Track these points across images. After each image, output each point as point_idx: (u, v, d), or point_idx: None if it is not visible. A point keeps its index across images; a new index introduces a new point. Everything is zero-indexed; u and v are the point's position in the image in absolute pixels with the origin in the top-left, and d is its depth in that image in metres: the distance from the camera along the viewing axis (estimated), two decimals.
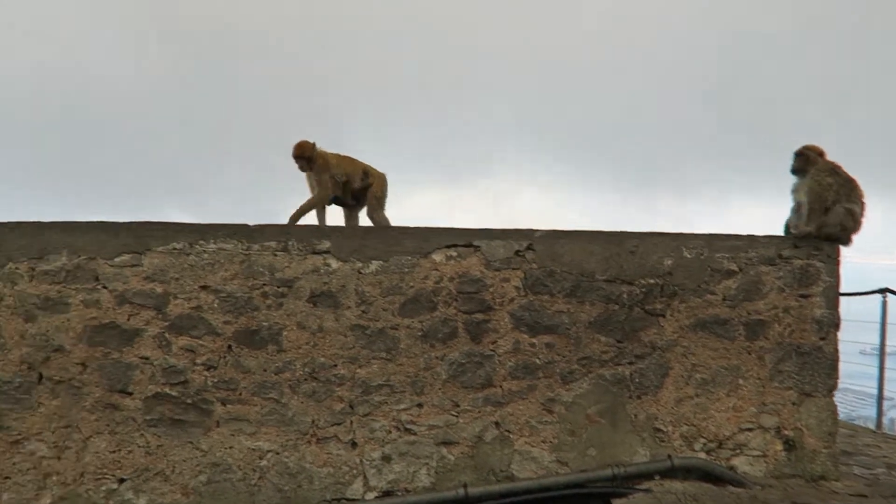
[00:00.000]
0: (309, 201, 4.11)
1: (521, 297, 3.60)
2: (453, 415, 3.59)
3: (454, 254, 3.57)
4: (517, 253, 3.60)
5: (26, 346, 3.28)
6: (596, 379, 3.63)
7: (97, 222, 3.34)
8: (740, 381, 3.67)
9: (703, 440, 3.66)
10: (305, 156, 4.09)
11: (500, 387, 3.61)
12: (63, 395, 3.32)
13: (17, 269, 3.26)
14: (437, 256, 3.56)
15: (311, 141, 4.13)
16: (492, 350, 3.61)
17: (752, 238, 3.73)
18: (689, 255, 3.68)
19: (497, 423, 3.61)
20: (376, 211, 4.31)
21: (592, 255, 3.65)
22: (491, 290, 3.59)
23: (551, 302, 3.62)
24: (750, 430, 3.67)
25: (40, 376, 3.31)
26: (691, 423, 3.65)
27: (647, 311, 3.66)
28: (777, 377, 3.68)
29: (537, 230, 3.65)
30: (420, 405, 3.58)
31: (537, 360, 3.61)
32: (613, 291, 3.65)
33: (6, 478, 3.29)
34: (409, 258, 3.54)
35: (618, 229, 3.77)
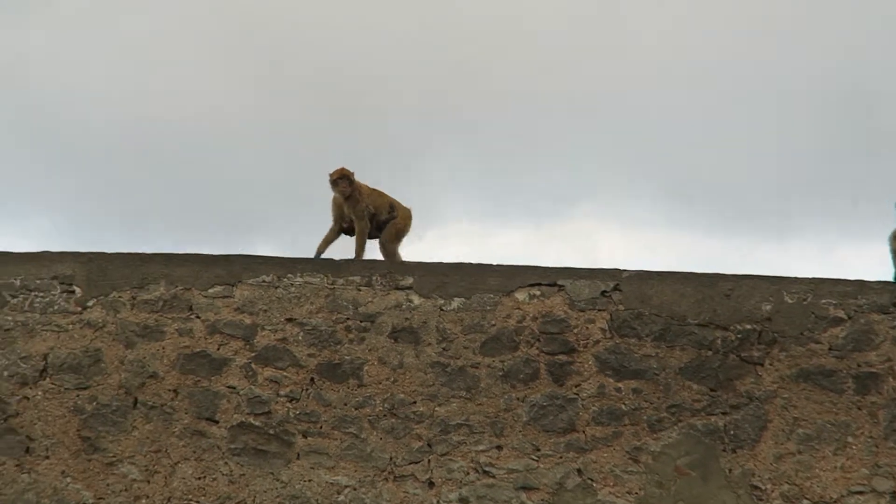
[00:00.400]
0: (358, 235, 4.15)
1: (607, 340, 3.50)
2: (534, 459, 3.50)
3: (538, 293, 3.51)
4: (603, 293, 3.51)
5: (124, 371, 3.45)
6: (686, 429, 3.45)
7: (193, 254, 3.51)
8: (849, 439, 3.40)
9: (806, 501, 3.39)
10: (345, 176, 4.14)
11: (584, 432, 3.49)
12: (155, 420, 3.46)
13: (119, 297, 3.45)
14: (520, 295, 3.52)
15: (348, 169, 4.18)
16: (575, 393, 3.50)
17: (861, 284, 3.49)
18: (790, 301, 3.47)
19: (579, 471, 3.48)
20: (392, 242, 4.28)
21: (683, 298, 3.50)
22: (575, 331, 3.51)
23: (639, 345, 3.49)
24: (861, 493, 3.38)
25: (135, 401, 3.46)
26: (793, 483, 3.40)
27: (743, 359, 3.46)
28: (893, 436, 3.38)
29: (625, 270, 3.56)
30: (499, 447, 3.50)
31: (623, 406, 3.48)
32: (706, 336, 3.48)
33: (100, 498, 3.44)
34: (492, 296, 3.51)
35: (710, 271, 3.60)
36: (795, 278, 3.52)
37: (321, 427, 3.50)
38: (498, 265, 3.56)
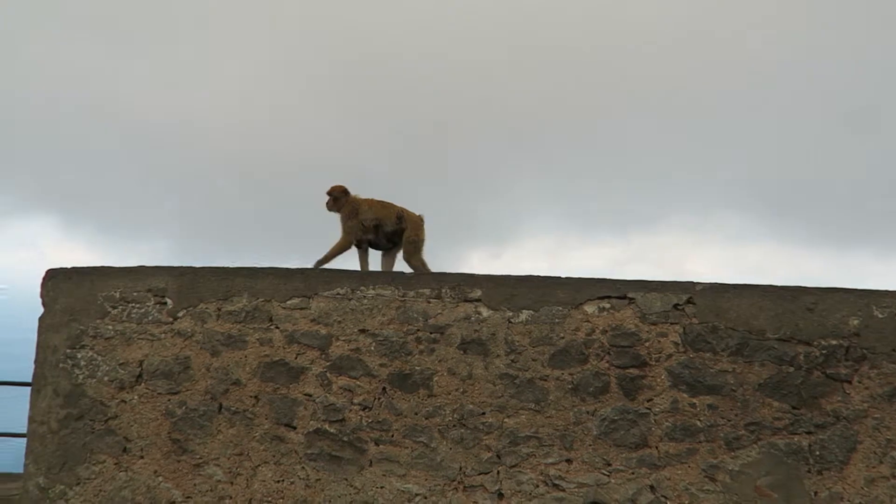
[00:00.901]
0: (333, 247, 4.29)
1: (680, 354, 3.44)
2: (604, 474, 3.48)
3: (607, 305, 3.51)
4: (676, 307, 3.46)
5: (210, 378, 3.69)
6: (767, 447, 3.35)
7: (274, 268, 3.72)
8: None
9: None
10: (334, 195, 4.31)
11: (657, 448, 3.45)
12: (238, 425, 3.68)
13: (206, 308, 3.70)
14: (590, 308, 3.52)
15: (343, 185, 4.36)
16: (647, 408, 3.46)
17: None
18: (881, 315, 3.31)
19: (652, 487, 3.44)
20: (413, 256, 4.33)
21: (762, 312, 3.41)
22: (646, 344, 3.47)
23: (714, 360, 3.42)
24: None
25: (220, 406, 3.69)
26: None
27: (828, 376, 3.33)
28: None
29: (699, 283, 3.49)
30: (569, 461, 3.51)
31: (698, 423, 3.41)
32: (787, 352, 3.36)
33: (188, 497, 3.68)
34: (560, 309, 3.53)
35: (791, 284, 3.48)
36: (886, 291, 3.36)
37: (392, 435, 3.62)
38: (566, 278, 3.58)
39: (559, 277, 3.59)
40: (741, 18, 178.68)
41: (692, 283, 3.51)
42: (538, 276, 3.61)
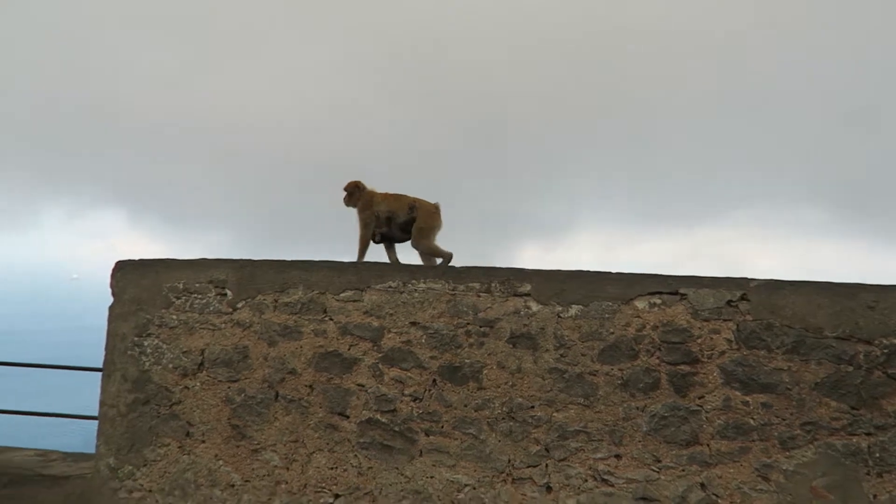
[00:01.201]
0: (359, 243, 4.38)
1: (733, 351, 3.42)
2: (654, 470, 3.49)
3: (658, 301, 3.51)
4: (729, 303, 3.44)
5: (268, 367, 3.85)
6: (823, 448, 3.30)
7: (328, 262, 3.86)
8: None
9: None
10: (349, 190, 4.43)
11: (708, 445, 3.43)
12: (293, 413, 3.83)
13: (264, 300, 3.86)
14: (640, 303, 3.53)
15: (358, 180, 4.44)
16: (698, 405, 3.45)
17: None
18: None
19: (703, 485, 3.43)
20: (419, 241, 4.33)
21: (820, 309, 3.35)
22: (698, 341, 3.46)
23: (768, 358, 3.38)
24: None
25: (276, 394, 3.85)
26: None
27: (890, 376, 3.26)
28: None
29: (753, 279, 3.46)
30: (618, 456, 3.53)
31: (751, 421, 3.38)
32: (846, 351, 3.30)
33: (246, 481, 3.86)
34: (610, 304, 3.55)
35: (851, 281, 3.41)
36: None
37: (442, 426, 3.71)
38: (617, 273, 3.60)
39: (609, 272, 3.61)
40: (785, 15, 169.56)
41: (746, 279, 3.48)
42: (588, 271, 3.63)
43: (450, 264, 3.83)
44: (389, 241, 4.49)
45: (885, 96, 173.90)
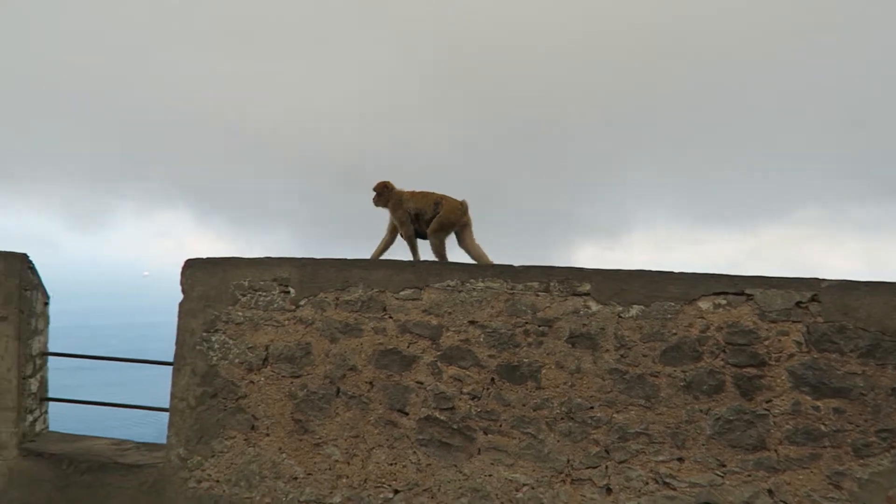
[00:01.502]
0: (407, 242, 4.42)
1: (803, 354, 3.33)
2: (718, 475, 3.43)
3: (723, 301, 3.44)
4: (798, 304, 3.35)
5: (329, 363, 3.96)
6: None
7: (387, 260, 3.94)
8: None
9: None
10: (378, 191, 4.47)
11: (776, 451, 3.36)
12: (354, 409, 3.92)
13: (326, 298, 3.97)
14: (704, 304, 3.47)
15: (386, 181, 4.48)
16: (765, 409, 3.38)
17: None
18: None
19: (770, 491, 3.35)
20: (434, 233, 4.32)
21: None
22: (765, 343, 3.38)
23: (841, 362, 3.28)
24: None
25: (338, 390, 3.95)
26: None
27: None
28: None
29: (824, 280, 3.36)
30: (681, 459, 3.49)
31: (822, 427, 3.29)
32: None
33: (309, 474, 3.98)
34: (673, 304, 3.50)
35: None
36: None
37: (501, 425, 3.73)
38: (679, 273, 3.54)
39: (672, 272, 3.56)
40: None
41: (817, 279, 3.38)
42: (650, 271, 3.59)
43: (509, 264, 3.84)
44: (420, 238, 4.55)
45: None
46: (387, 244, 4.57)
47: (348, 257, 4.07)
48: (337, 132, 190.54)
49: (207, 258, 4.21)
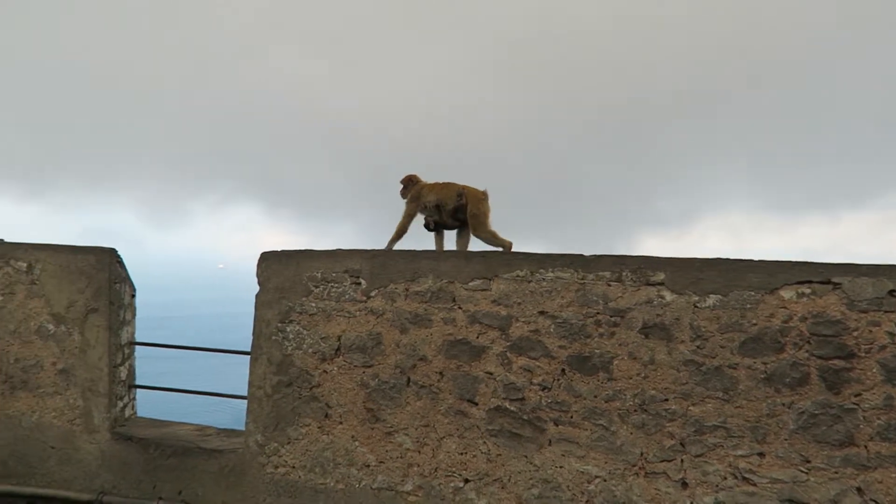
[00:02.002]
0: (397, 227, 4.57)
1: None
2: (802, 471, 3.32)
3: (807, 291, 3.32)
4: (892, 293, 3.20)
5: (399, 353, 4.05)
6: None
7: (455, 251, 4.00)
8: None
9: None
10: (403, 182, 4.71)
11: (865, 447, 3.22)
12: (424, 399, 4.00)
13: (396, 289, 4.06)
14: (786, 293, 3.36)
15: (413, 174, 4.70)
16: (854, 403, 3.25)
17: None
18: None
19: (859, 489, 3.23)
20: (478, 229, 4.40)
21: None
22: (854, 334, 3.25)
23: None
24: None
25: (408, 380, 4.04)
26: None
27: None
28: None
29: None
30: (761, 454, 3.40)
31: None
32: None
33: (381, 462, 4.08)
34: (752, 294, 3.41)
35: None
36: None
37: (572, 417, 3.73)
38: (759, 261, 3.44)
39: (751, 260, 3.46)
40: None
41: None
42: (727, 259, 3.50)
43: (580, 253, 3.82)
44: (440, 229, 4.68)
45: None
46: (438, 235, 4.70)
47: (416, 249, 4.15)
48: (405, 128, 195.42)
49: (282, 251, 4.37)
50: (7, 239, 5.14)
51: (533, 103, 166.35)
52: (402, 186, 4.75)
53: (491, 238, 4.39)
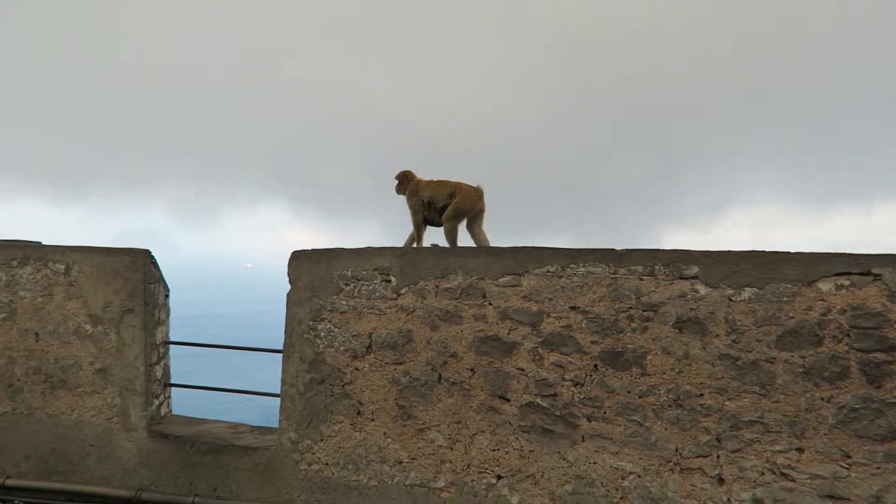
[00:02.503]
0: (413, 226, 4.73)
1: None
2: (843, 466, 3.29)
3: (846, 283, 3.29)
4: None
5: (430, 350, 4.09)
6: None
7: (485, 247, 4.02)
8: None
9: None
10: (398, 179, 4.82)
11: None
12: (456, 395, 4.03)
13: (426, 286, 4.10)
14: (824, 285, 3.32)
15: (408, 170, 4.81)
16: None
17: None
18: None
19: None
20: (448, 220, 4.54)
21: None
22: None
23: None
24: None
25: (439, 377, 4.08)
26: None
27: None
28: None
29: None
30: (800, 449, 3.37)
31: None
32: None
33: (413, 458, 4.13)
34: (789, 286, 3.38)
35: None
36: None
37: (605, 412, 3.73)
38: (796, 253, 3.41)
39: (788, 252, 3.43)
40: None
41: None
42: (763, 252, 3.48)
43: (612, 248, 3.81)
44: (426, 225, 4.80)
45: None
46: (420, 231, 4.82)
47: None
48: (442, 128, 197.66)
49: (312, 250, 4.44)
50: (45, 242, 5.29)
51: (564, 104, 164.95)
52: (396, 182, 4.87)
53: (450, 230, 4.54)
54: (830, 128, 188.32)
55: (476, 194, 4.59)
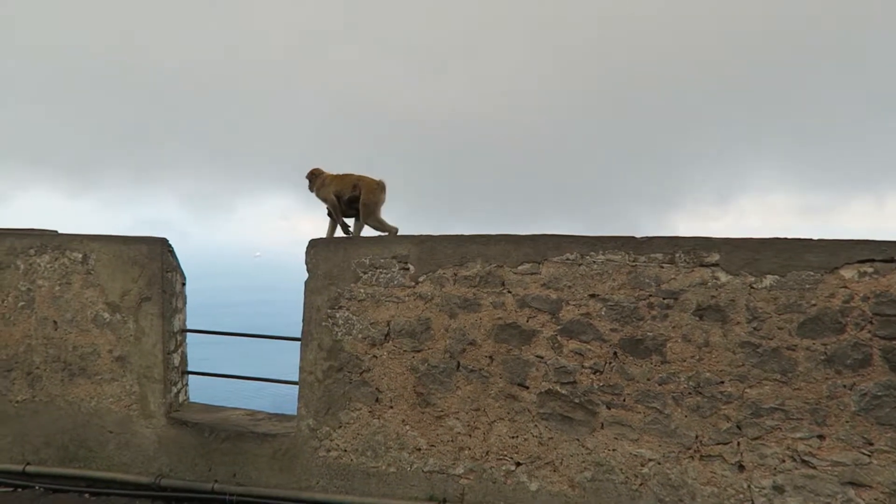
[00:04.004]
0: (333, 215, 4.93)
1: None
2: (865, 453, 3.36)
3: (870, 269, 3.34)
4: None
5: (449, 338, 4.17)
6: None
7: (505, 235, 4.08)
8: None
9: None
10: (308, 177, 5.08)
11: None
12: (474, 383, 4.12)
13: (444, 273, 4.18)
14: (847, 272, 3.38)
15: (317, 168, 5.06)
16: None
17: None
18: None
19: None
20: (367, 217, 4.77)
21: None
22: None
23: None
24: None
25: (458, 364, 4.17)
26: None
27: None
28: None
29: None
30: (821, 437, 3.44)
31: None
32: None
33: (432, 445, 4.23)
34: (811, 273, 3.43)
35: None
36: None
37: (624, 400, 3.81)
38: (818, 240, 3.46)
39: (810, 239, 3.48)
40: None
41: None
42: (784, 239, 3.53)
43: (631, 235, 3.87)
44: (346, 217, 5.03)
45: None
46: (334, 222, 5.00)
47: (465, 233, 4.26)
48: (457, 119, 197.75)
49: (330, 238, 4.52)
50: (62, 231, 5.41)
51: (572, 90, 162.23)
52: (308, 181, 5.10)
53: (377, 225, 4.78)
54: (843, 116, 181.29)
55: (378, 187, 4.83)
